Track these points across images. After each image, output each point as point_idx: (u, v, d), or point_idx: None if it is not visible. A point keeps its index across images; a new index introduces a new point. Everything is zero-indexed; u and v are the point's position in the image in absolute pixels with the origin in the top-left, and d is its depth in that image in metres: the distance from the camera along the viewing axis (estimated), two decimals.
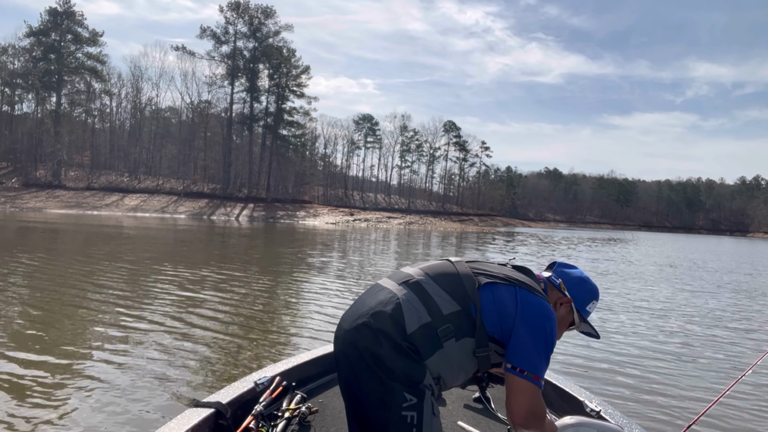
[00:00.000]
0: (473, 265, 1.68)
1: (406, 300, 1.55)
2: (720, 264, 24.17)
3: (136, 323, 6.35)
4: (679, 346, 6.79)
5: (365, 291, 1.70)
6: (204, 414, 2.04)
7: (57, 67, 59.89)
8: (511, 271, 1.70)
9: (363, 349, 1.51)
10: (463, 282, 1.59)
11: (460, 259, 1.73)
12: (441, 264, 1.70)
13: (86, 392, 4.04)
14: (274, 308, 7.86)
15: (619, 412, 2.28)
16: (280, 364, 2.64)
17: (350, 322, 1.59)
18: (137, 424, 3.53)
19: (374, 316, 1.53)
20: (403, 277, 1.64)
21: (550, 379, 2.66)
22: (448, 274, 1.62)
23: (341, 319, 1.67)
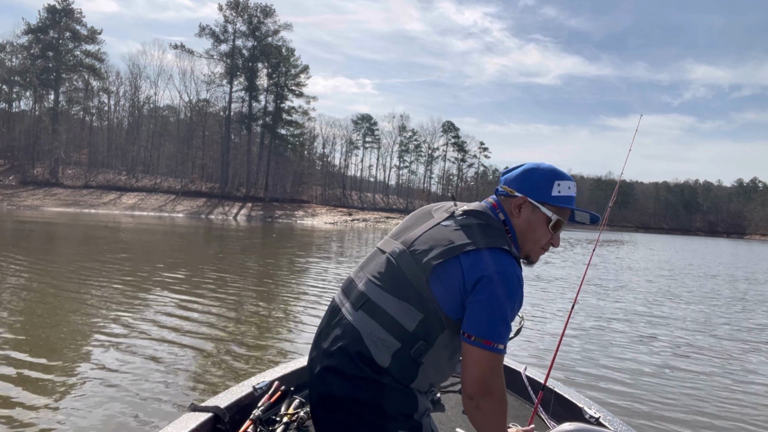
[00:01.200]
0: (407, 241, 1.50)
1: (367, 333, 1.41)
2: (726, 270, 24.24)
3: (132, 325, 6.33)
4: (680, 355, 6.79)
5: (325, 318, 1.59)
6: (202, 418, 2.03)
7: (55, 64, 59.77)
8: (453, 222, 1.50)
9: (345, 399, 1.41)
10: (410, 280, 1.42)
11: (393, 243, 1.53)
12: (380, 262, 1.52)
13: (81, 395, 4.02)
14: (272, 312, 7.84)
15: (618, 419, 2.28)
16: (279, 369, 2.63)
17: (319, 366, 1.48)
18: (134, 429, 3.51)
19: (342, 361, 1.42)
20: (356, 299, 1.49)
21: (548, 385, 2.65)
22: (393, 276, 1.45)
23: (309, 359, 1.58)
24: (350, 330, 1.44)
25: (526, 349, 6.31)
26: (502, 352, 1.37)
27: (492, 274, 1.37)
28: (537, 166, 1.65)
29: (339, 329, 1.47)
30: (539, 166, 1.65)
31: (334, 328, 1.50)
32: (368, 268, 1.54)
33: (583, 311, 9.29)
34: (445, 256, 1.41)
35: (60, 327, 6.07)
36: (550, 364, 2.49)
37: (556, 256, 24.36)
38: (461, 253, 1.41)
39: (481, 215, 1.54)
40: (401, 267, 1.45)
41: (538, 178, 1.60)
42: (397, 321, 1.40)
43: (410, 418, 1.42)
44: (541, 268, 16.96)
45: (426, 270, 1.41)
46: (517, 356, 5.67)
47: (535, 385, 2.69)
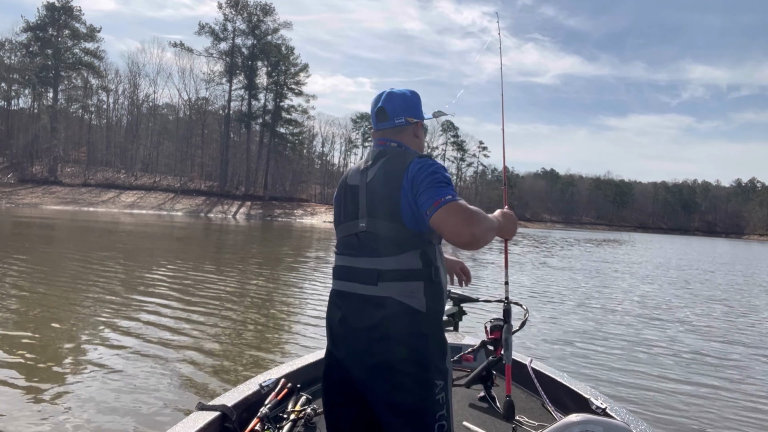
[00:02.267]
0: (362, 214, 1.67)
1: (399, 292, 1.57)
2: (726, 268, 24.26)
3: (135, 326, 6.33)
4: (686, 347, 6.81)
5: (339, 308, 1.67)
6: (210, 417, 2.04)
7: (54, 62, 59.63)
8: (375, 173, 1.69)
9: (396, 360, 1.56)
10: (391, 235, 1.61)
11: (354, 225, 1.69)
12: (363, 241, 1.66)
13: (89, 395, 4.02)
14: (277, 310, 7.84)
15: (625, 409, 2.29)
16: (285, 366, 2.64)
17: (353, 363, 1.62)
18: (143, 428, 3.51)
19: (387, 328, 1.57)
20: (368, 276, 1.61)
21: (555, 377, 2.67)
22: (379, 243, 1.63)
23: (336, 349, 1.68)
24: (383, 300, 1.58)
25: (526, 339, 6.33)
26: (455, 198, 1.53)
27: (417, 166, 1.62)
28: (403, 92, 1.83)
29: (369, 307, 1.60)
30: (404, 91, 1.83)
31: (360, 309, 1.61)
32: (356, 251, 1.67)
33: (591, 305, 9.31)
34: (395, 197, 1.61)
35: (63, 327, 6.07)
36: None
37: (553, 254, 24.37)
38: (400, 187, 1.61)
39: (385, 156, 1.73)
40: (378, 233, 1.63)
41: (416, 101, 1.83)
42: (410, 269, 1.58)
43: (443, 364, 1.61)
44: (542, 261, 16.96)
45: (395, 219, 1.60)
46: (522, 349, 5.69)
47: (541, 377, 2.70)
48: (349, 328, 1.64)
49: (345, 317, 1.65)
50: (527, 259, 20.48)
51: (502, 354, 2.87)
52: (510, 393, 2.22)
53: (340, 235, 1.75)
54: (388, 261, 1.60)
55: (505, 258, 2.14)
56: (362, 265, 1.64)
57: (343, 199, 1.77)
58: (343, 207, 1.76)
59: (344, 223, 1.73)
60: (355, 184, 1.74)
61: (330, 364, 1.73)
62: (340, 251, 1.74)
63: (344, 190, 1.78)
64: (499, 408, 2.56)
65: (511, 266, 16.64)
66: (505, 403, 2.21)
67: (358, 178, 1.74)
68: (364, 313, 1.60)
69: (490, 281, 12.63)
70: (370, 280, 1.60)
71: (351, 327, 1.63)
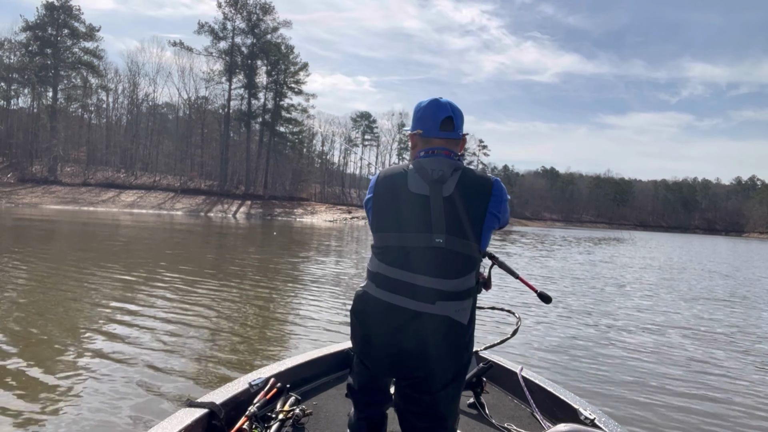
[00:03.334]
0: (440, 229, 1.70)
1: (454, 311, 1.69)
2: (729, 269, 24.27)
3: (129, 322, 6.34)
4: (680, 359, 6.81)
5: (385, 321, 1.72)
6: (197, 414, 2.05)
7: (53, 61, 59.55)
8: (456, 168, 1.77)
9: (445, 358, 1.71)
10: (464, 253, 1.71)
11: (424, 236, 1.70)
12: (432, 257, 1.68)
13: (77, 391, 4.03)
14: (270, 309, 7.85)
15: (613, 421, 2.29)
16: (275, 366, 2.65)
17: (393, 367, 1.77)
18: (129, 424, 3.52)
19: (437, 342, 1.68)
20: (428, 295, 1.67)
21: (545, 386, 2.67)
22: (451, 260, 1.69)
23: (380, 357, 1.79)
24: (437, 320, 1.66)
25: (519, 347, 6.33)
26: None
27: (500, 191, 1.76)
28: (449, 102, 1.88)
29: (422, 323, 1.67)
30: (451, 102, 1.89)
31: (412, 324, 1.67)
32: (417, 266, 1.68)
33: (586, 312, 9.32)
34: (480, 218, 1.72)
35: (56, 324, 6.08)
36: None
37: (554, 254, 24.38)
38: (485, 209, 1.72)
39: (460, 170, 1.77)
40: (457, 251, 1.69)
41: (415, 118, 1.90)
42: (467, 288, 1.70)
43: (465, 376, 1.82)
44: (540, 261, 16.96)
45: (476, 239, 1.71)
46: (513, 356, 5.70)
47: (531, 386, 2.70)
48: (396, 338, 1.69)
49: (393, 330, 1.69)
50: (524, 260, 20.48)
51: (492, 362, 2.87)
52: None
53: (397, 245, 1.71)
54: (451, 283, 1.66)
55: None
56: (421, 283, 1.65)
57: (404, 207, 1.73)
58: (404, 216, 1.72)
59: (407, 234, 1.70)
60: (424, 194, 1.71)
61: (365, 354, 1.82)
62: (391, 262, 1.70)
63: (404, 197, 1.73)
64: (488, 414, 2.57)
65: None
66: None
67: (427, 188, 1.72)
68: (416, 328, 1.66)
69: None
70: (428, 299, 1.65)
71: (398, 337, 1.69)
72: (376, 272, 1.73)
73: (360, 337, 1.81)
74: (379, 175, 1.84)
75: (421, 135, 1.84)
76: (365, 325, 1.77)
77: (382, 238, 1.75)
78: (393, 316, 1.68)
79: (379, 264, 1.74)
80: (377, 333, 1.73)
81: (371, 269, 1.77)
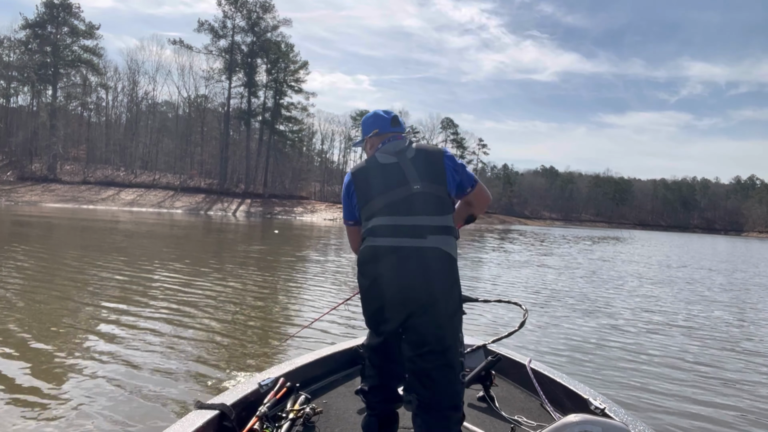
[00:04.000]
0: (414, 180, 2.12)
1: (444, 244, 2.02)
2: (729, 267, 24.27)
3: (135, 323, 6.34)
4: (689, 348, 6.81)
5: (386, 262, 1.99)
6: (208, 416, 2.05)
7: (53, 60, 59.47)
8: (415, 156, 2.21)
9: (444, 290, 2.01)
10: (438, 195, 2.13)
11: (405, 189, 2.08)
12: (416, 201, 2.06)
13: (87, 395, 4.01)
14: (277, 309, 7.84)
15: (623, 410, 2.29)
16: (284, 366, 2.65)
17: (404, 297, 1.98)
18: (141, 427, 3.51)
19: (437, 274, 1.98)
20: (418, 231, 2.01)
21: (554, 377, 2.67)
22: (428, 201, 2.09)
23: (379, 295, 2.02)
24: (432, 251, 1.99)
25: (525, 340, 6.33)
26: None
27: (449, 153, 2.26)
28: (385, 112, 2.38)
29: (420, 255, 1.98)
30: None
31: (413, 257, 1.97)
32: (404, 212, 2.04)
33: (592, 305, 9.32)
34: (441, 167, 2.16)
35: (61, 325, 6.07)
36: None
37: (555, 253, 24.38)
38: (443, 161, 2.19)
39: (411, 144, 2.28)
40: (432, 192, 2.09)
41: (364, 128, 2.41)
42: (447, 226, 2.06)
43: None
44: (541, 259, 16.97)
45: (442, 183, 2.14)
46: (521, 349, 5.70)
47: (540, 378, 2.70)
48: (402, 272, 1.96)
49: (398, 268, 1.97)
50: (526, 257, 20.50)
51: (500, 355, 2.88)
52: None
53: (385, 202, 2.07)
54: (435, 219, 2.03)
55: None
56: (413, 223, 2.02)
57: (382, 175, 2.13)
58: (383, 179, 2.12)
59: (391, 191, 2.08)
60: (393, 161, 2.16)
61: (375, 298, 2.05)
62: (386, 214, 2.06)
63: (379, 168, 2.15)
64: (497, 407, 2.57)
65: (509, 264, 16.71)
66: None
67: (392, 159, 2.16)
68: (416, 260, 1.96)
69: (488, 280, 12.65)
70: (421, 235, 1.99)
71: (404, 271, 1.96)
72: (376, 226, 2.05)
73: (369, 287, 2.05)
74: (350, 174, 2.24)
75: (377, 133, 2.30)
76: (373, 273, 2.03)
77: (372, 204, 2.10)
78: (396, 255, 1.98)
79: (375, 220, 2.07)
80: (385, 275, 1.99)
81: (369, 227, 2.08)
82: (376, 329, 2.12)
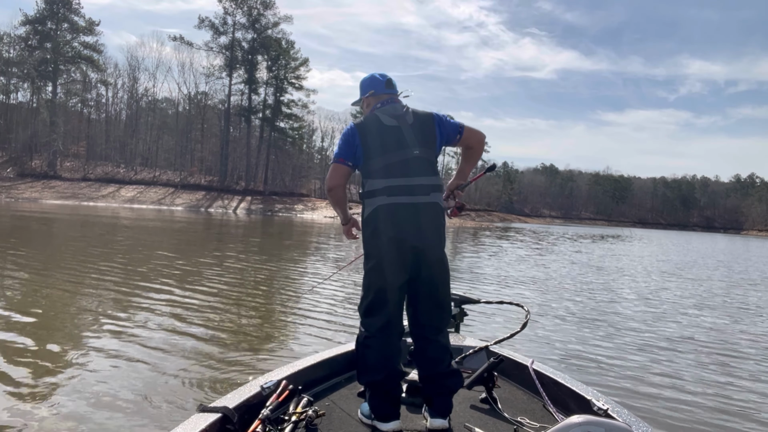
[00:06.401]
0: (413, 143, 2.44)
1: (441, 200, 2.48)
2: (733, 264, 24.26)
3: (135, 325, 6.33)
4: (691, 348, 6.81)
5: (396, 216, 2.33)
6: (211, 419, 2.04)
7: (53, 56, 59.34)
8: (413, 120, 2.53)
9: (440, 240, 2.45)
10: (432, 158, 2.54)
11: (404, 152, 2.40)
12: (414, 164, 2.40)
13: (87, 397, 4.00)
14: (279, 311, 7.84)
15: (627, 411, 2.29)
16: (287, 368, 2.65)
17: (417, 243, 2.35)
18: (142, 430, 3.51)
19: (437, 226, 2.42)
20: (422, 188, 2.38)
21: (557, 378, 2.66)
22: (425, 163, 2.46)
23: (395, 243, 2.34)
24: (432, 206, 2.39)
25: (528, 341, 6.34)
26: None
27: (436, 114, 2.60)
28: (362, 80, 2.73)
29: (427, 209, 2.37)
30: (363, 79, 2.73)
31: (422, 212, 2.35)
32: (409, 172, 2.37)
33: (595, 305, 9.33)
34: (434, 134, 2.53)
35: (62, 326, 6.07)
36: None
37: (556, 251, 24.38)
38: (434, 127, 2.54)
39: (410, 108, 2.59)
40: (428, 158, 2.46)
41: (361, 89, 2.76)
42: (440, 184, 2.47)
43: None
44: (541, 259, 16.97)
45: (434, 148, 2.53)
46: (523, 350, 5.69)
47: (542, 378, 2.70)
48: (414, 224, 2.32)
49: (406, 222, 2.31)
50: (526, 256, 20.50)
51: (503, 356, 2.88)
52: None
53: (386, 162, 2.37)
54: (432, 179, 2.41)
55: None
56: (418, 183, 2.36)
57: (385, 136, 2.41)
58: (385, 140, 2.40)
59: (391, 153, 2.38)
60: (394, 125, 2.44)
61: (391, 247, 2.34)
62: (388, 174, 2.35)
63: (383, 129, 2.43)
64: (500, 409, 2.57)
65: (511, 263, 16.71)
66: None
67: (393, 122, 2.44)
68: (425, 214, 2.35)
69: (488, 280, 12.65)
70: (425, 193, 2.36)
71: (415, 223, 2.32)
72: (384, 186, 2.34)
73: (378, 241, 2.35)
74: (354, 126, 2.47)
75: (373, 94, 2.59)
76: (385, 228, 2.33)
77: (377, 161, 2.38)
78: (406, 211, 2.32)
79: (383, 180, 2.35)
80: (393, 228, 2.31)
81: (378, 187, 2.36)
82: (391, 275, 2.36)
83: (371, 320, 2.41)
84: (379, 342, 2.38)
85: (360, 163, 2.43)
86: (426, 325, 2.43)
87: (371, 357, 2.38)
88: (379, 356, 2.37)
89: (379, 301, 2.38)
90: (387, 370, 2.36)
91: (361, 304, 2.46)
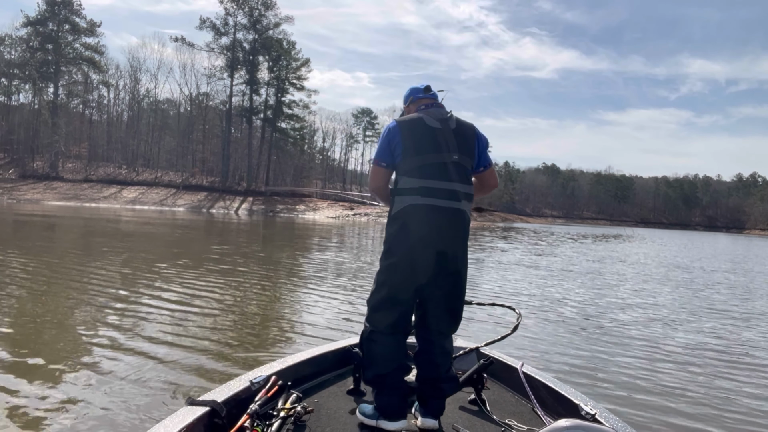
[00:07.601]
0: (452, 150, 2.42)
1: (469, 209, 2.44)
2: (736, 265, 24.20)
3: (127, 319, 6.34)
4: (682, 355, 6.80)
5: (429, 220, 2.30)
6: (199, 412, 2.05)
7: (54, 57, 59.49)
8: (454, 125, 2.52)
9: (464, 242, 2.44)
10: (468, 168, 2.49)
11: (442, 155, 2.38)
12: (452, 169, 2.37)
13: (75, 389, 4.01)
14: (271, 307, 7.85)
15: (614, 416, 2.29)
16: (276, 363, 2.65)
17: (443, 247, 2.34)
18: (130, 423, 3.52)
19: (464, 228, 2.41)
20: (455, 195, 2.35)
21: (545, 381, 2.66)
22: (461, 171, 2.42)
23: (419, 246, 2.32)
24: (463, 213, 2.38)
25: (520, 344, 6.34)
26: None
27: (480, 131, 2.59)
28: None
29: (456, 215, 2.35)
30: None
31: (452, 217, 2.34)
32: (446, 176, 2.36)
33: (582, 309, 9.32)
34: (473, 144, 2.52)
35: (55, 321, 6.09)
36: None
37: (556, 251, 24.35)
38: (475, 139, 2.55)
39: (452, 115, 2.57)
40: (464, 165, 2.44)
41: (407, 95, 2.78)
42: (471, 194, 2.45)
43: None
44: (542, 258, 16.98)
45: (472, 158, 2.50)
46: (513, 352, 5.70)
47: (531, 382, 2.70)
48: (443, 228, 2.31)
49: (438, 225, 2.30)
50: (524, 255, 20.48)
51: (493, 358, 2.88)
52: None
53: (424, 162, 2.35)
54: (467, 187, 2.40)
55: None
56: (452, 188, 2.34)
57: (428, 137, 2.40)
58: (426, 142, 2.39)
59: (429, 154, 2.37)
60: (438, 127, 2.43)
61: (418, 247, 2.32)
62: (424, 175, 2.33)
63: (426, 131, 2.42)
64: (489, 411, 2.57)
65: (506, 265, 16.68)
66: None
67: (438, 124, 2.44)
68: (455, 220, 2.34)
69: (483, 281, 12.64)
70: (458, 199, 2.35)
71: (444, 228, 2.31)
72: (419, 186, 2.32)
73: (405, 239, 2.33)
74: (398, 123, 2.44)
75: (413, 100, 2.64)
76: (414, 227, 2.31)
77: (415, 160, 2.35)
78: (438, 214, 2.31)
79: (419, 180, 2.33)
80: (423, 229, 2.30)
81: (413, 186, 2.34)
82: (411, 275, 2.35)
83: (379, 316, 2.39)
84: (385, 338, 2.37)
85: (398, 160, 2.40)
86: (434, 329, 2.43)
87: (377, 351, 2.38)
88: (385, 350, 2.37)
89: (391, 298, 2.36)
90: (395, 364, 2.36)
91: (371, 298, 2.43)
